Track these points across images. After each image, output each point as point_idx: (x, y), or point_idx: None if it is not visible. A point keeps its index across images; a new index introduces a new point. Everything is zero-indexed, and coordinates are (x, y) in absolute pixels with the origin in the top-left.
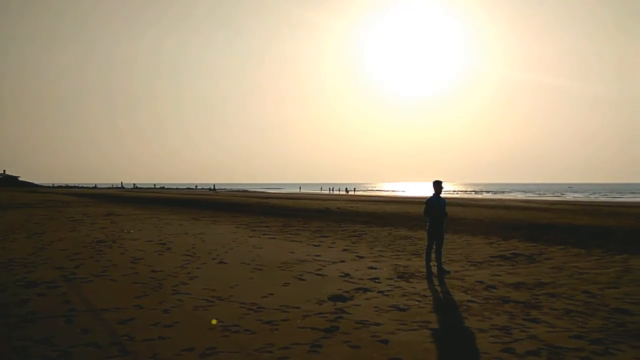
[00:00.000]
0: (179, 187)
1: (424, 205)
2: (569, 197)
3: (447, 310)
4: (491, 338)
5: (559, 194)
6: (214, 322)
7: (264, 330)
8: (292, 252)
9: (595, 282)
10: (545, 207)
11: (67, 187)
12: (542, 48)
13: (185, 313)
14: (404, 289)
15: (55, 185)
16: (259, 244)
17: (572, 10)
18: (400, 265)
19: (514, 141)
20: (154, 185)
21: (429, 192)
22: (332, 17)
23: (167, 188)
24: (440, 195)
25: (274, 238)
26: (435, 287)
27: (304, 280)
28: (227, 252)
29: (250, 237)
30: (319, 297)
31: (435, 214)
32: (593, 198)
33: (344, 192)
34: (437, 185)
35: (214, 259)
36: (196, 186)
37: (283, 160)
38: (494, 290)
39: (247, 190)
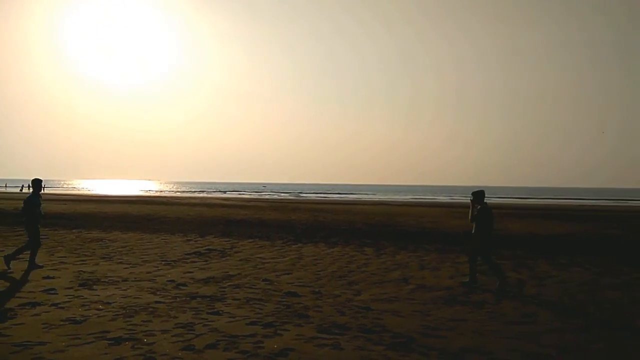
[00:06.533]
0: None
1: (22, 205)
2: (265, 195)
3: (130, 316)
4: (173, 337)
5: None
6: None
7: None
8: None
9: (274, 270)
10: (242, 204)
11: None
12: (253, 60)
13: None
14: (85, 298)
15: None
16: None
17: (284, 29)
18: (84, 272)
19: (224, 143)
20: None
21: (130, 190)
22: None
23: None
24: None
25: None
26: (122, 291)
27: None
28: None
29: None
30: None
31: (35, 211)
32: (283, 196)
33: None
34: (37, 182)
35: None
36: None
37: None
38: (184, 288)
39: None
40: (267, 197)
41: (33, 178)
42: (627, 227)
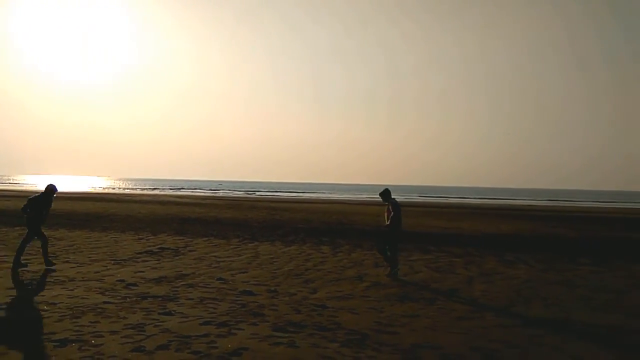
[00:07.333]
0: None
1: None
2: (221, 193)
3: (78, 317)
4: (123, 339)
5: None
6: None
7: None
8: None
9: (229, 268)
10: (197, 202)
11: None
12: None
13: None
14: (29, 299)
15: None
16: None
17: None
18: (28, 271)
19: (178, 139)
20: None
21: (77, 187)
22: None
23: None
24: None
25: None
26: (69, 291)
27: None
28: None
29: None
30: None
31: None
32: (240, 194)
33: None
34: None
35: None
36: None
37: None
38: (134, 288)
39: None
40: (223, 195)
41: (47, 185)
42: (571, 226)
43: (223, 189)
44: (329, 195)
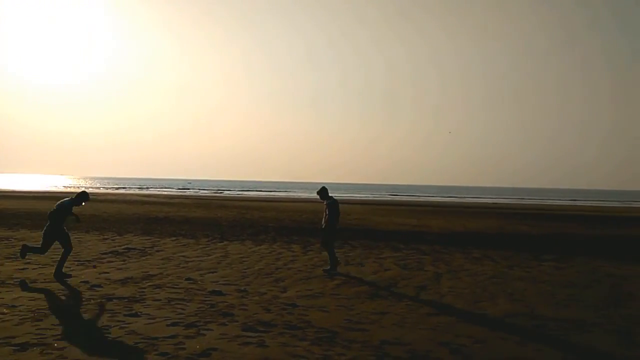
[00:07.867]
0: None
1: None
2: (191, 192)
3: (39, 320)
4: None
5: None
6: None
7: None
8: None
9: (198, 268)
10: (164, 201)
11: None
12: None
13: None
14: None
15: None
16: None
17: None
18: None
19: (144, 137)
20: None
21: (40, 185)
22: None
23: None
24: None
25: None
26: (31, 294)
27: None
28: None
29: None
30: None
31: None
32: (210, 194)
33: None
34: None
35: None
36: None
37: None
38: (99, 289)
39: None
40: (191, 194)
41: (82, 190)
42: (536, 224)
43: (192, 188)
44: (300, 194)
